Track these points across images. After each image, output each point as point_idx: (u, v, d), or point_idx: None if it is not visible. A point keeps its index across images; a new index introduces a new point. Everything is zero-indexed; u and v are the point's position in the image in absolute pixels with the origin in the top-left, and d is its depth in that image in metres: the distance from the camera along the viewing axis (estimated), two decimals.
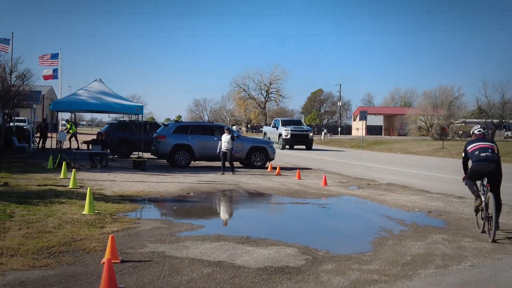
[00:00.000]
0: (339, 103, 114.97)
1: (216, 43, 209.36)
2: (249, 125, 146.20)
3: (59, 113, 70.74)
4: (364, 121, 58.02)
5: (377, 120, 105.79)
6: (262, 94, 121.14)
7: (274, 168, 23.13)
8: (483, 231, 10.09)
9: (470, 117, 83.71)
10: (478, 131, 10.49)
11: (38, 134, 34.06)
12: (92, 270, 7.07)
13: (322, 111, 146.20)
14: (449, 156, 40.33)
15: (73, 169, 16.21)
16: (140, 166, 21.94)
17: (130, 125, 28.96)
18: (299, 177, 20.04)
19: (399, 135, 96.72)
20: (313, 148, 45.26)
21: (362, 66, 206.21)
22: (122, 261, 7.50)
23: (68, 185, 15.56)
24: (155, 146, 23.97)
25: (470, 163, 10.15)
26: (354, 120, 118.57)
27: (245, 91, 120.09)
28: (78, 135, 35.04)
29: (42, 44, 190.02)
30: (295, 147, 45.43)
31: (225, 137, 20.89)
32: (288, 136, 43.48)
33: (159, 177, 19.24)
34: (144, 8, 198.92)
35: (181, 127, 24.17)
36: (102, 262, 7.40)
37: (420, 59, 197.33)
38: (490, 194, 9.61)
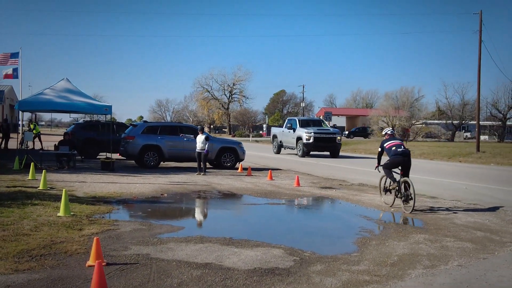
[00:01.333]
0: (302, 104, 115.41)
1: (179, 43, 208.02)
2: (212, 126, 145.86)
3: (20, 113, 69.27)
4: (329, 122, 58.52)
5: (339, 121, 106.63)
6: (225, 94, 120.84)
7: (245, 169, 23.07)
8: (392, 206, 13.49)
9: (430, 118, 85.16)
10: (390, 131, 13.71)
11: (0, 135, 33.24)
12: (79, 273, 6.88)
13: (285, 112, 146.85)
14: (412, 157, 40.86)
15: (43, 170, 15.81)
16: (109, 167, 21.59)
17: (97, 125, 28.47)
18: (271, 178, 20.01)
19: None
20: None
21: (324, 67, 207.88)
22: (108, 264, 7.33)
23: (38, 187, 15.19)
24: (124, 147, 23.62)
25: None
26: None
27: (209, 92, 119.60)
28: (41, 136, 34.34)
29: (1, 43, 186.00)
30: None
31: (200, 138, 20.75)
32: (311, 141, 34.15)
33: (129, 178, 18.96)
34: (106, 7, 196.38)
35: (150, 128, 23.88)
36: (87, 265, 7.22)
37: (382, 60, 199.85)
38: (407, 179, 12.83)
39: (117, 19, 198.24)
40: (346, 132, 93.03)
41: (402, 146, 13.06)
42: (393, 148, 13.00)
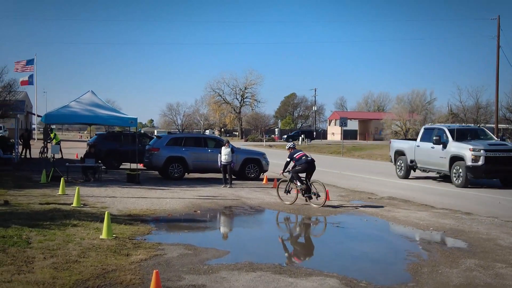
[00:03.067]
0: (314, 108, 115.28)
1: (191, 48, 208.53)
2: (222, 129, 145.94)
3: (34, 118, 69.46)
4: (342, 127, 58.29)
5: (352, 125, 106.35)
6: (237, 98, 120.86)
7: (270, 180, 23.01)
8: (292, 203, 16.73)
9: (444, 122, 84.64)
10: (292, 145, 17.39)
11: (21, 144, 33.37)
12: None
13: (296, 115, 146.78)
14: None
15: (77, 188, 15.76)
16: (134, 180, 21.57)
17: (119, 135, 28.51)
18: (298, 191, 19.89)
19: (374, 139, 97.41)
20: None
21: (335, 70, 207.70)
22: None
23: (71, 203, 15.19)
24: (149, 158, 23.64)
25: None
26: (329, 124, 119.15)
27: (220, 96, 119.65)
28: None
29: (17, 49, 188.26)
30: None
31: (225, 150, 20.72)
32: (481, 163, 22.01)
33: (157, 192, 18.95)
34: (118, 15, 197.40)
35: (174, 139, 23.89)
36: None
37: (392, 63, 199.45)
38: (316, 180, 16.97)
39: (129, 26, 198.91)
40: (285, 136, 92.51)
41: (309, 155, 16.93)
42: (303, 157, 16.65)
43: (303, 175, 16.70)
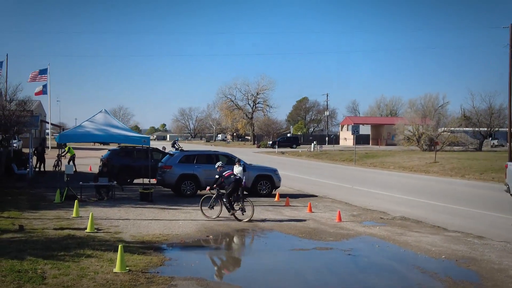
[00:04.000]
0: (326, 113, 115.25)
1: (203, 54, 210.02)
2: (234, 134, 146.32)
3: (47, 125, 69.98)
4: (355, 135, 58.24)
5: (364, 129, 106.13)
6: (249, 104, 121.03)
7: (282, 196, 23.14)
8: (216, 218, 18.05)
9: (456, 125, 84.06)
10: (221, 164, 18.82)
11: (35, 157, 33.66)
12: None
13: (308, 119, 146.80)
14: (443, 173, 40.60)
15: (90, 213, 15.91)
16: (147, 198, 21.76)
17: (132, 151, 28.71)
18: (311, 210, 19.98)
19: (387, 144, 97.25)
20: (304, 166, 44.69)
21: (348, 74, 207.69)
22: None
23: (85, 228, 15.35)
24: (161, 176, 23.83)
25: None
26: (341, 130, 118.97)
27: (232, 101, 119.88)
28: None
29: (32, 61, 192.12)
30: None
31: (237, 169, 20.88)
32: None
33: (170, 213, 19.11)
34: (130, 22, 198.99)
35: (187, 157, 24.07)
36: None
37: (405, 67, 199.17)
38: (248, 199, 18.75)
39: (142, 37, 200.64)
40: (270, 142, 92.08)
41: (237, 175, 18.93)
42: (232, 176, 18.15)
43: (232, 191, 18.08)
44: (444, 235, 15.84)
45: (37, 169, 33.14)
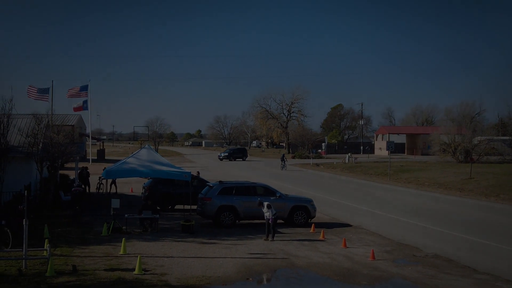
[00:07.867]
0: (361, 122, 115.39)
1: (239, 62, 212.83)
2: (269, 141, 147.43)
3: (85, 139, 71.94)
4: (389, 151, 58.59)
5: (399, 138, 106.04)
6: (284, 113, 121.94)
7: (317, 227, 23.99)
8: None
9: (493, 134, 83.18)
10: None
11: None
12: None
13: (342, 126, 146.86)
14: (478, 191, 40.48)
15: (138, 256, 17.00)
16: (189, 230, 22.84)
17: (173, 179, 29.90)
18: (345, 246, 20.74)
19: (422, 154, 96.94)
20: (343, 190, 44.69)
21: (382, 80, 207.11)
22: None
23: (134, 270, 16.38)
24: (201, 207, 24.94)
25: None
26: (376, 139, 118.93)
27: (267, 111, 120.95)
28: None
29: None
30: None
31: (265, 209, 22.00)
32: None
33: (211, 248, 20.06)
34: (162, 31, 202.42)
35: (225, 188, 25.08)
36: None
37: (441, 74, 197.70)
38: None
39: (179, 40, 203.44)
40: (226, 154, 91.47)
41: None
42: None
43: None
44: (473, 278, 16.47)
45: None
